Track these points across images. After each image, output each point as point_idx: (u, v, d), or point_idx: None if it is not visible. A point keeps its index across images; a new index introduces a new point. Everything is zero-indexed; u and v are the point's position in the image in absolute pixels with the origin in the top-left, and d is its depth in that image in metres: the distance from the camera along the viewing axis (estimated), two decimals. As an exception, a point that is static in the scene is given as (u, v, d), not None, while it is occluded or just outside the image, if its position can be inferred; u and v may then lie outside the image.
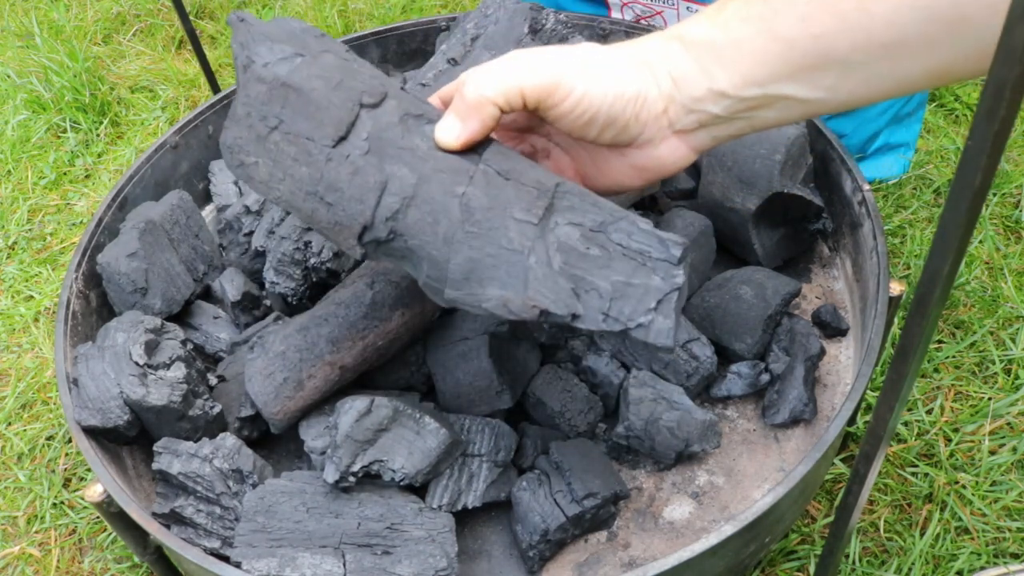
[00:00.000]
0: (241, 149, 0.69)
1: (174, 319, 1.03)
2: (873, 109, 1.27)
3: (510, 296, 0.63)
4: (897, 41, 0.55)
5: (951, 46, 0.55)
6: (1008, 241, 1.24)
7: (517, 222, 0.63)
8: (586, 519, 0.81)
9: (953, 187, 0.36)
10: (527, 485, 0.82)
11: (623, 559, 0.83)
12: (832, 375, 0.96)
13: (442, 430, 0.79)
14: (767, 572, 0.92)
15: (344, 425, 0.77)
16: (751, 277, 0.97)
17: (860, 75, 0.58)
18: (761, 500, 0.71)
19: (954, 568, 0.90)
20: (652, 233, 0.63)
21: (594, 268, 0.62)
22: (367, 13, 1.83)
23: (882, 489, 0.98)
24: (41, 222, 1.44)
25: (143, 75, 1.73)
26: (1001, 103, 0.32)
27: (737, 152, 0.99)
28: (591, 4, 1.34)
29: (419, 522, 0.77)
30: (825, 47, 0.57)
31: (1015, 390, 1.05)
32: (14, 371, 1.20)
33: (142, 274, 0.97)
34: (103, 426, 0.84)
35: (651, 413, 0.85)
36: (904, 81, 0.58)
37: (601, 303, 0.62)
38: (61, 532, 1.03)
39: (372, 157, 0.65)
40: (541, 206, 0.63)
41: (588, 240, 0.63)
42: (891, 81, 0.58)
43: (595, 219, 0.63)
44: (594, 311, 0.62)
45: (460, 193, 0.63)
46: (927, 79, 0.58)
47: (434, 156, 0.64)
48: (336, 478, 0.77)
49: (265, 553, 0.76)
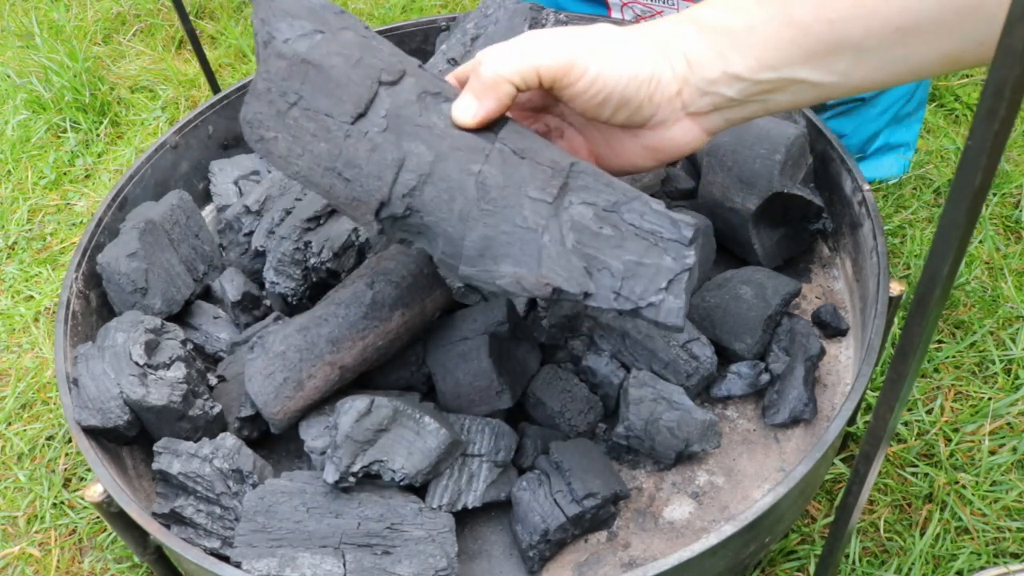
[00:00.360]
0: (261, 124, 0.69)
1: (174, 319, 1.03)
2: (873, 109, 1.27)
3: (523, 273, 0.63)
4: (911, 27, 0.56)
5: (965, 32, 0.55)
6: (1008, 241, 1.24)
7: (531, 200, 0.63)
8: (586, 519, 0.81)
9: (953, 187, 0.36)
10: (527, 485, 0.82)
11: (623, 559, 0.83)
12: (832, 375, 0.96)
13: (442, 430, 0.79)
14: (767, 572, 0.92)
15: (344, 425, 0.77)
16: (751, 277, 0.97)
17: (874, 60, 0.59)
18: (761, 500, 0.71)
19: (954, 568, 0.90)
20: (664, 214, 0.63)
21: (607, 247, 0.63)
22: (367, 13, 1.83)
23: (882, 489, 0.98)
24: (41, 222, 1.44)
25: (143, 75, 1.73)
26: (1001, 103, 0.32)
27: (737, 152, 0.99)
28: (591, 4, 1.34)
29: (419, 522, 0.77)
30: (840, 32, 0.58)
31: (1015, 390, 1.05)
32: (14, 371, 1.20)
33: (142, 274, 0.97)
34: (103, 426, 0.84)
35: (651, 413, 0.85)
36: (918, 66, 0.59)
37: (613, 282, 0.62)
38: (61, 532, 1.03)
39: (390, 134, 0.65)
40: (556, 185, 0.63)
41: (601, 220, 0.63)
42: (904, 66, 0.59)
43: (608, 199, 0.64)
44: (606, 290, 0.63)
45: (476, 171, 0.63)
46: (941, 64, 0.58)
47: (451, 134, 0.65)
48: (336, 478, 0.77)
49: (265, 553, 0.76)
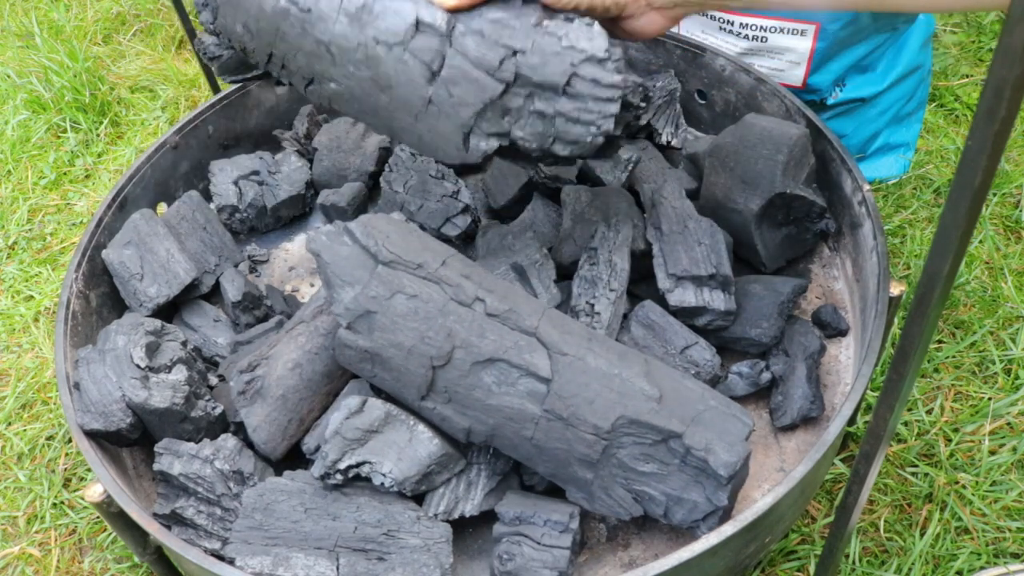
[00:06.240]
0: (363, 372, 0.83)
1: (175, 318, 1.03)
2: (873, 109, 1.27)
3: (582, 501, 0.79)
4: None
5: None
6: (1008, 241, 1.24)
7: (579, 462, 0.76)
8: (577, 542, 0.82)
9: (953, 187, 0.36)
10: (511, 552, 0.79)
11: (623, 559, 0.83)
12: (832, 375, 0.96)
13: (435, 439, 0.79)
14: (767, 572, 0.92)
15: (334, 422, 0.78)
16: (757, 278, 0.99)
17: None
18: (761, 500, 0.71)
19: (954, 568, 0.90)
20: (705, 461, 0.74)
21: (651, 481, 0.76)
22: (367, 13, 1.83)
23: (882, 489, 0.98)
24: (41, 222, 1.44)
25: (143, 75, 1.73)
26: (1001, 103, 0.32)
27: (740, 153, 0.99)
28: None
29: (416, 530, 0.77)
30: None
31: (1015, 390, 1.05)
32: (14, 371, 1.20)
33: (137, 261, 1.00)
34: (106, 429, 0.84)
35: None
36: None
37: (657, 508, 0.77)
38: (61, 532, 1.03)
39: (453, 407, 0.78)
40: (598, 450, 0.75)
41: (648, 456, 0.75)
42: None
43: (655, 437, 0.75)
44: (652, 508, 0.77)
45: (529, 437, 0.76)
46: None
47: (502, 407, 0.76)
48: (321, 472, 0.77)
49: (260, 551, 0.76)
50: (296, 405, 0.85)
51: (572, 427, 0.74)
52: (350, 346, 0.79)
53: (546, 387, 0.75)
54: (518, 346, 0.75)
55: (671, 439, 0.74)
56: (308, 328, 0.88)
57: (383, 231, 0.80)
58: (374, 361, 0.78)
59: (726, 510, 0.75)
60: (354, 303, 0.78)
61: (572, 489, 0.78)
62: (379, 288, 0.77)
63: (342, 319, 0.78)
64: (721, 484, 0.73)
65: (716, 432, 0.74)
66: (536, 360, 0.75)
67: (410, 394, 0.78)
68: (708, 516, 0.75)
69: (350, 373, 0.88)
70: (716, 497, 0.74)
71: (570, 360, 0.76)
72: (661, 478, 0.75)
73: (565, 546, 0.76)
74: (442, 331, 0.76)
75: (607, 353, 0.77)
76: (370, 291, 0.77)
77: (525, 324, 0.77)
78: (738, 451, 0.73)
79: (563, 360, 0.75)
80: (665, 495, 0.75)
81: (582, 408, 0.74)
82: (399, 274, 0.78)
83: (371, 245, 0.79)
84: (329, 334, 0.88)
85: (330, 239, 0.81)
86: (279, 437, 0.85)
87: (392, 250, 0.79)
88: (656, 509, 0.76)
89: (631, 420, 0.74)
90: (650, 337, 0.92)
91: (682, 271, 0.92)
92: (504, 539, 0.78)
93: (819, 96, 1.24)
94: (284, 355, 0.87)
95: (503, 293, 0.79)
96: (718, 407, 0.76)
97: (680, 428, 0.73)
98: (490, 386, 0.76)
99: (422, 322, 0.76)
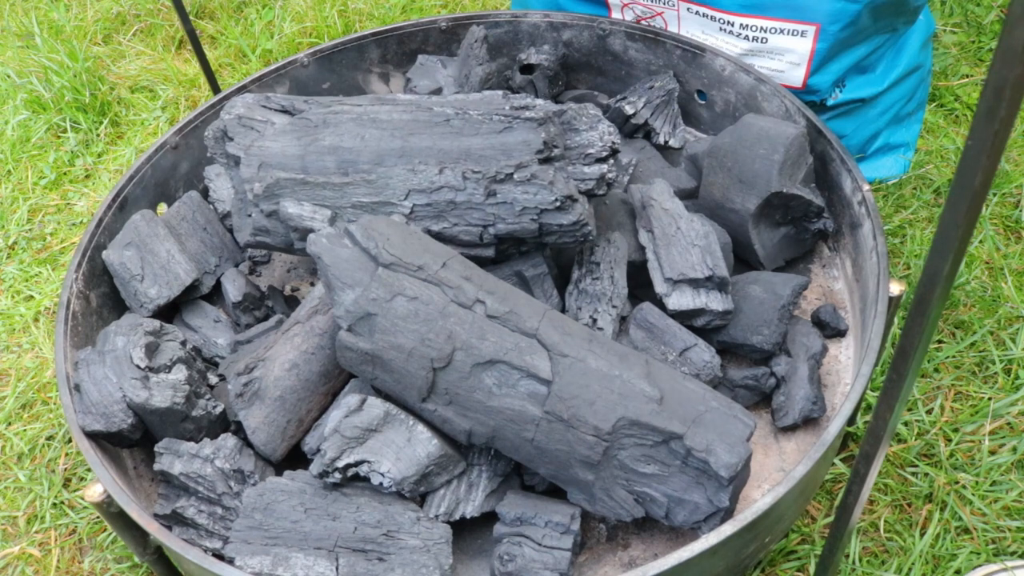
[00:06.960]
0: (364, 375, 0.83)
1: (175, 318, 1.03)
2: (873, 109, 1.27)
3: (583, 502, 0.80)
4: None
5: None
6: (1008, 241, 1.24)
7: (581, 463, 0.76)
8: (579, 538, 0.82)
9: (953, 187, 0.36)
10: (511, 553, 0.79)
11: (623, 559, 0.83)
12: (832, 375, 0.96)
13: (434, 440, 0.79)
14: (767, 572, 0.92)
15: (333, 420, 0.78)
16: (757, 278, 0.98)
17: None
18: (761, 500, 0.71)
19: (954, 567, 0.90)
20: (706, 461, 0.74)
21: (652, 482, 0.76)
22: (367, 13, 1.83)
23: (882, 489, 0.98)
24: (41, 222, 1.44)
25: (143, 75, 1.73)
26: (1001, 103, 0.32)
27: (737, 152, 0.99)
28: (591, 4, 1.34)
29: (416, 531, 0.77)
30: None
31: (1015, 390, 1.05)
32: (14, 371, 1.20)
33: (137, 262, 1.00)
34: (107, 430, 0.84)
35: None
36: None
37: (659, 509, 0.77)
38: (61, 532, 1.03)
39: (453, 408, 0.78)
40: (599, 452, 0.75)
41: (649, 458, 0.75)
42: None
43: (655, 439, 0.75)
44: (654, 510, 0.77)
45: (530, 438, 0.76)
46: None
47: (502, 408, 0.76)
48: (320, 471, 0.77)
49: (259, 551, 0.76)
50: (294, 406, 0.85)
51: (573, 428, 0.74)
52: (351, 348, 0.79)
53: (547, 389, 0.75)
54: (519, 348, 0.75)
55: (672, 440, 0.74)
56: (304, 328, 0.88)
57: (384, 233, 0.80)
58: (375, 363, 0.79)
59: (728, 511, 0.75)
60: (355, 305, 0.78)
61: (573, 490, 0.78)
62: (380, 290, 0.77)
63: (343, 321, 0.78)
64: (722, 485, 0.73)
65: (717, 433, 0.74)
66: (537, 362, 0.75)
67: (411, 396, 0.78)
68: (710, 517, 0.75)
69: (348, 372, 0.88)
70: (717, 498, 0.74)
71: (571, 361, 0.76)
72: (662, 479, 0.75)
73: (566, 547, 0.76)
74: (443, 333, 0.76)
75: (608, 354, 0.77)
76: (371, 293, 0.77)
77: (526, 326, 0.77)
78: (739, 452, 0.73)
79: (564, 362, 0.75)
80: (666, 496, 0.76)
81: (583, 409, 0.74)
82: (399, 276, 0.78)
83: (372, 247, 0.79)
84: (325, 334, 0.88)
85: (331, 241, 0.81)
86: (279, 438, 0.85)
87: (392, 252, 0.79)
88: (657, 510, 0.77)
89: (632, 421, 0.74)
90: (649, 340, 0.92)
91: (678, 275, 0.92)
92: (505, 540, 0.78)
93: (819, 97, 1.24)
94: (281, 356, 0.87)
95: (503, 295, 0.79)
96: (719, 408, 0.76)
97: (681, 429, 0.73)
98: (491, 388, 0.76)
99: (422, 324, 0.76)
